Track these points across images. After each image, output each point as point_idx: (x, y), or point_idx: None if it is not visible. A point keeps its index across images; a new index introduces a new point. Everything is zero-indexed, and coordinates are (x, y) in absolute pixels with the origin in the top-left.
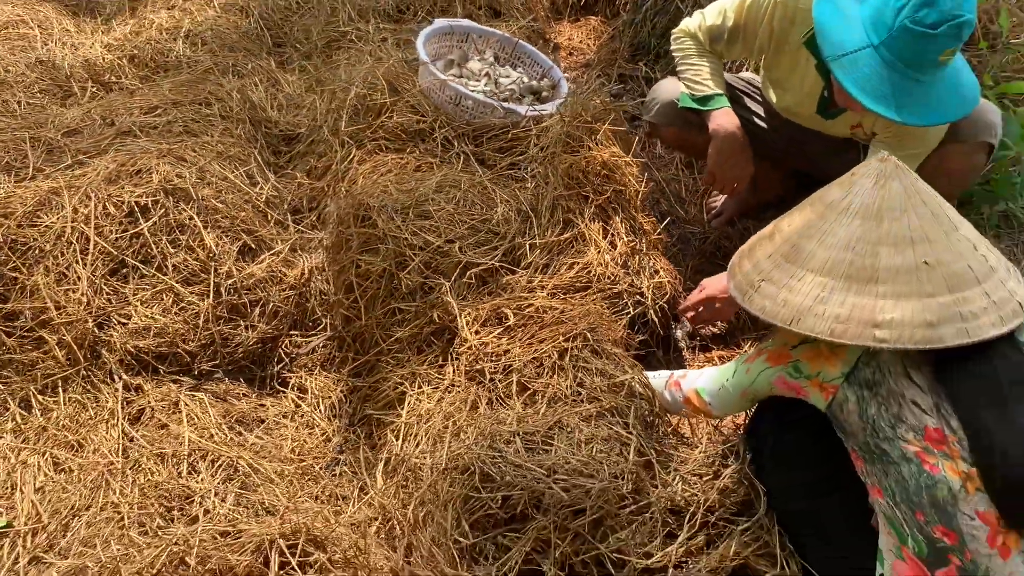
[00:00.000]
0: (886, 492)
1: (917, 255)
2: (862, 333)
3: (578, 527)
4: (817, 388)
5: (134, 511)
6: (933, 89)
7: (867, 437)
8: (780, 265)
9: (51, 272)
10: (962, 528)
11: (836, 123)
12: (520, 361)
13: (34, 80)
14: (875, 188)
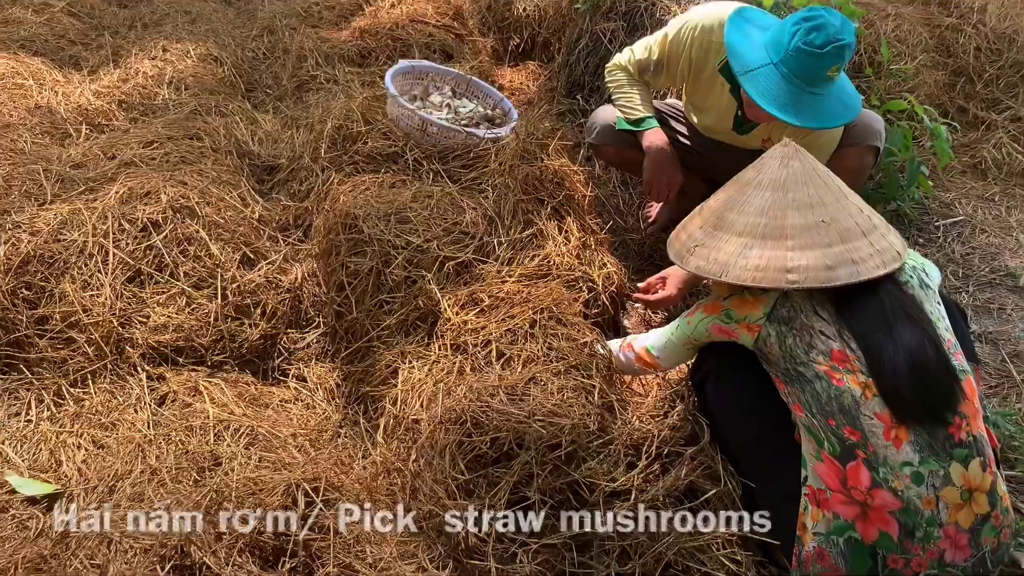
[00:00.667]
0: (804, 407)
1: (816, 216)
2: (777, 278)
3: (554, 459)
4: (745, 329)
5: (171, 472)
6: (824, 100)
7: (787, 364)
8: (709, 233)
9: (76, 280)
10: (864, 427)
11: (749, 138)
12: (496, 333)
13: (35, 123)
14: (780, 167)
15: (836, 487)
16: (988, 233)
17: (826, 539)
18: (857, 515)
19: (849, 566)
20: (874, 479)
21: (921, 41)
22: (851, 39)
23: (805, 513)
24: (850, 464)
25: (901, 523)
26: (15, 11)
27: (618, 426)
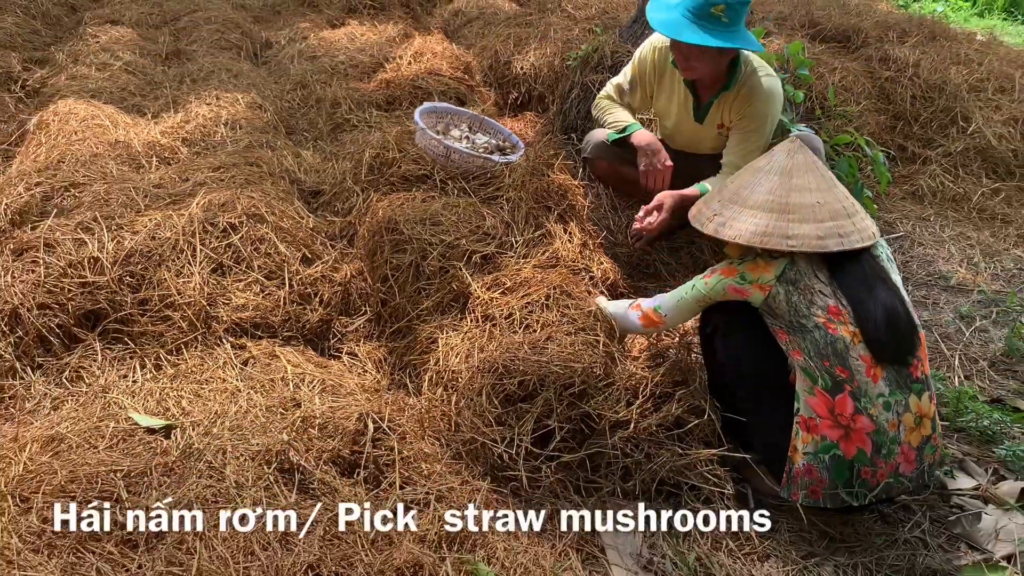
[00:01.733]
0: (803, 351)
1: (812, 198)
2: (779, 242)
3: (569, 396)
4: (758, 289)
5: (262, 410)
6: (709, 32)
7: (791, 317)
8: (727, 205)
9: (171, 270)
10: (851, 366)
11: (707, 126)
12: (518, 307)
13: (116, 155)
14: (787, 157)
15: (825, 415)
16: (925, 246)
17: (814, 457)
18: (841, 436)
19: (832, 477)
20: (856, 407)
21: (864, 89)
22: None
23: (796, 438)
24: (838, 396)
25: (873, 442)
26: (80, 68)
27: (619, 371)
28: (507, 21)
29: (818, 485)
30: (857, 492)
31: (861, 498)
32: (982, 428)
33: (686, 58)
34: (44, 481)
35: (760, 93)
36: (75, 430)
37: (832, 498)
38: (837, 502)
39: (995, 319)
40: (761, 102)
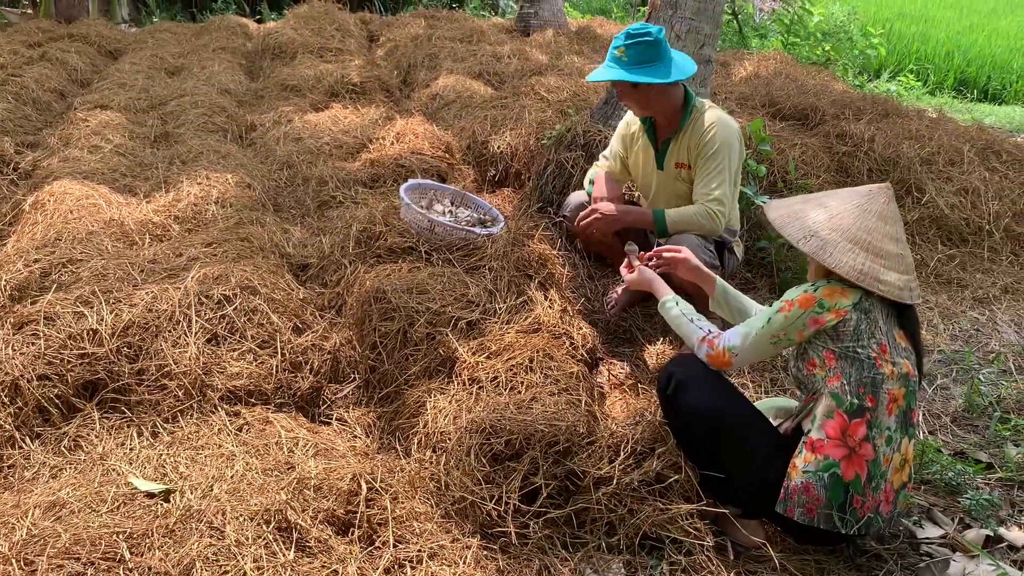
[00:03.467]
0: (844, 375)
1: (899, 249)
2: (872, 283)
3: (554, 453)
4: (833, 315)
5: (258, 473)
6: (614, 70)
7: (851, 342)
8: (823, 228)
9: (167, 340)
10: (880, 397)
11: (667, 170)
12: (503, 369)
13: (111, 232)
14: (885, 203)
15: (835, 436)
16: None
17: (814, 475)
18: (844, 456)
19: (828, 496)
20: (867, 435)
21: (823, 163)
22: (633, 39)
23: (799, 456)
24: (856, 420)
25: (869, 471)
26: (72, 151)
27: (600, 430)
28: (483, 104)
29: (814, 503)
30: (847, 519)
31: (849, 526)
32: (947, 480)
33: (619, 98)
34: (48, 544)
35: (710, 125)
36: (76, 495)
37: (826, 519)
38: (830, 524)
39: (955, 377)
40: (713, 132)
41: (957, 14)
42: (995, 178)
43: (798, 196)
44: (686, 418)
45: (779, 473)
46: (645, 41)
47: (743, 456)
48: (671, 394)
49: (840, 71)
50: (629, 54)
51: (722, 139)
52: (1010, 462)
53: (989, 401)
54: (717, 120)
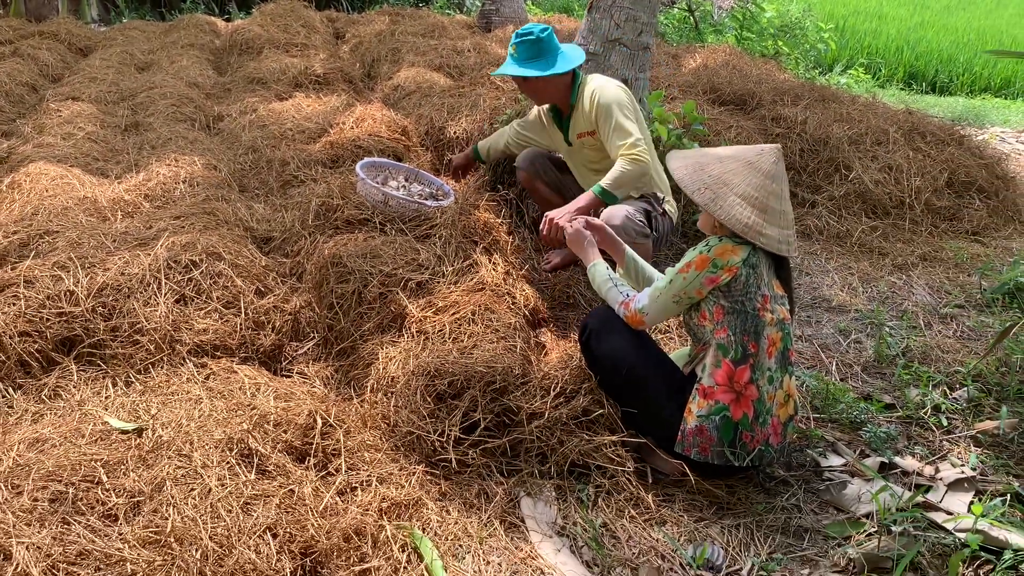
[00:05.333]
0: (730, 327)
1: (782, 206)
2: (755, 236)
3: (492, 391)
4: (727, 273)
5: (223, 413)
6: (510, 67)
7: (740, 296)
8: (717, 182)
9: (139, 300)
10: (761, 344)
11: (574, 144)
12: (448, 323)
13: (84, 208)
14: (774, 163)
15: (723, 382)
16: (812, 275)
17: (706, 418)
18: (732, 400)
19: (720, 435)
20: (751, 377)
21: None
22: (520, 38)
23: (693, 402)
24: (741, 366)
25: (755, 409)
26: (46, 138)
27: (534, 372)
28: (441, 93)
29: (707, 443)
30: (738, 453)
31: (741, 459)
32: (851, 417)
33: (519, 90)
34: (32, 470)
35: (592, 93)
36: (56, 433)
37: (719, 455)
38: (722, 459)
39: (868, 332)
40: (596, 98)
41: (910, 11)
42: (918, 156)
43: (700, 149)
44: (599, 363)
45: (674, 414)
46: (528, 40)
47: (645, 397)
48: (586, 341)
49: (792, 65)
50: (519, 51)
51: (606, 99)
52: (909, 403)
53: (897, 352)
54: (596, 86)
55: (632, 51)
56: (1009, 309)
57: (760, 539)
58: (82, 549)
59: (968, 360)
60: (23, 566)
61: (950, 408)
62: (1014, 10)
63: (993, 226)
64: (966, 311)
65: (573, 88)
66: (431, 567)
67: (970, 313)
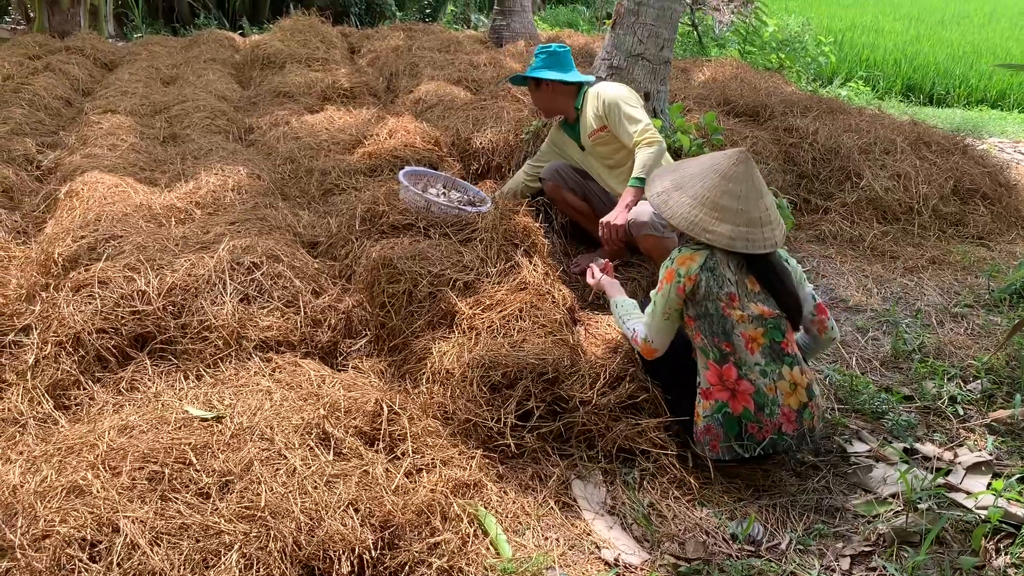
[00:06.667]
0: (703, 332)
1: (738, 204)
2: (700, 233)
3: (543, 381)
4: (688, 280)
5: (292, 402)
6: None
7: (705, 301)
8: (675, 186)
9: (207, 299)
10: (734, 342)
11: (587, 146)
12: (497, 319)
13: (142, 215)
14: (731, 165)
15: (716, 383)
16: (827, 277)
17: (711, 418)
18: (728, 397)
19: (725, 431)
20: (739, 374)
21: (772, 153)
22: (542, 50)
23: (699, 405)
24: (724, 365)
25: (756, 402)
26: (92, 149)
27: (582, 362)
28: (464, 106)
29: (716, 440)
30: (747, 444)
31: (751, 450)
32: (873, 408)
33: (533, 103)
34: (128, 453)
35: (595, 96)
36: (142, 421)
37: (728, 450)
38: (732, 454)
39: (885, 330)
40: (601, 99)
41: (906, 25)
42: (924, 165)
43: (676, 162)
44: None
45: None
46: (549, 50)
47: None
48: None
49: (794, 77)
50: (537, 60)
51: (611, 95)
52: (926, 394)
53: (912, 348)
54: (600, 90)
55: (654, 65)
56: (1016, 308)
57: (795, 517)
58: (182, 523)
59: (980, 355)
60: (132, 537)
61: (965, 399)
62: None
63: (997, 231)
64: (975, 310)
65: (578, 97)
66: (496, 540)
67: (979, 312)
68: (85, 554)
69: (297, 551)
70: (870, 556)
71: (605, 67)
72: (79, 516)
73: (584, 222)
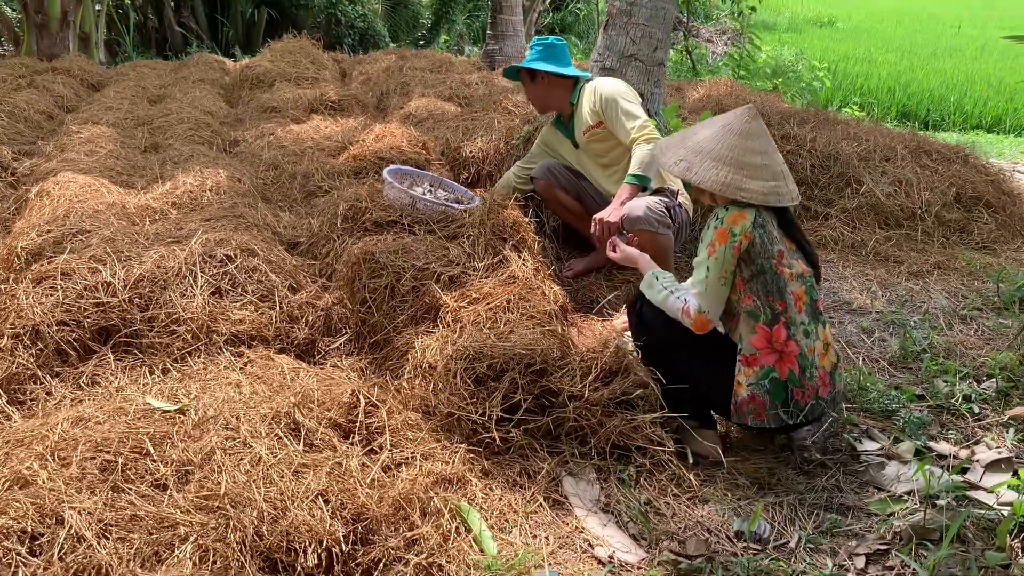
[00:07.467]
0: (754, 293)
1: (760, 160)
2: (734, 192)
3: (531, 373)
4: (744, 238)
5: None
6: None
7: (759, 258)
8: (692, 153)
9: (175, 292)
10: (787, 300)
11: (581, 144)
12: (484, 311)
13: (114, 212)
14: (745, 122)
15: (763, 347)
16: (830, 281)
17: (756, 385)
18: (776, 361)
19: (772, 398)
20: (788, 334)
21: None
22: (538, 42)
23: (739, 374)
24: (775, 326)
25: (800, 364)
26: (69, 155)
27: (573, 354)
28: (455, 118)
29: (761, 408)
30: (792, 411)
31: (795, 416)
32: (883, 406)
33: (526, 97)
34: (79, 443)
35: (593, 89)
36: (99, 412)
37: (774, 418)
38: (778, 421)
39: (892, 331)
40: (599, 93)
41: (898, 57)
42: (926, 172)
43: (682, 130)
44: (652, 330)
45: (728, 378)
46: (545, 43)
47: (698, 362)
48: (640, 309)
49: (788, 100)
50: (533, 53)
51: (608, 90)
52: (938, 393)
53: (922, 348)
54: (596, 83)
55: (647, 66)
56: None
57: (804, 515)
58: (134, 514)
59: (992, 355)
60: (76, 529)
61: (980, 397)
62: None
63: (1003, 239)
64: (985, 313)
65: (574, 92)
66: (480, 537)
67: (989, 315)
68: (24, 547)
69: (258, 541)
70: (886, 555)
71: (597, 69)
72: (20, 507)
73: (577, 223)
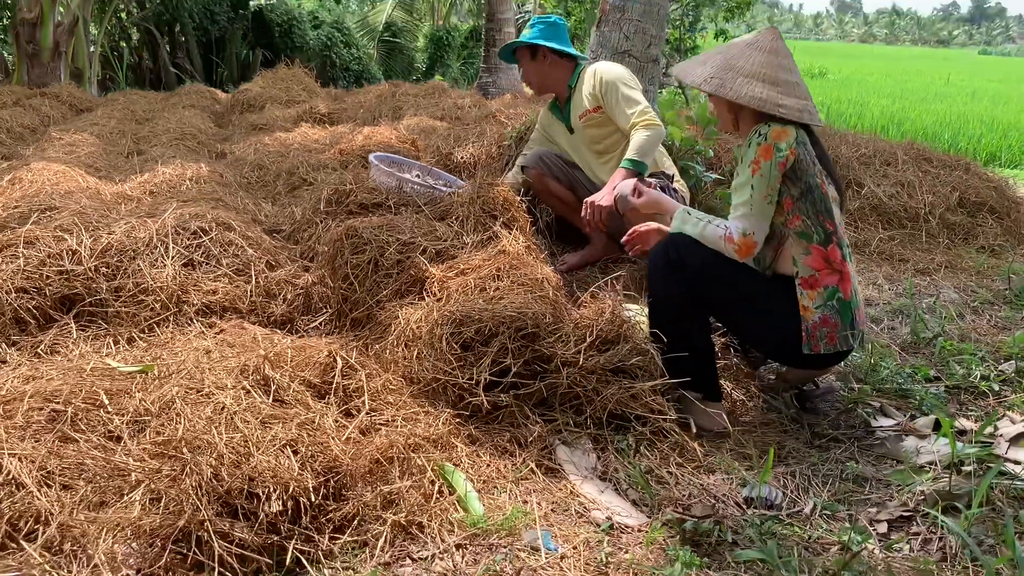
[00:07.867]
0: (803, 213)
1: (792, 77)
2: (772, 108)
3: (521, 337)
4: (790, 153)
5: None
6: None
7: (807, 177)
8: (721, 70)
9: (145, 261)
10: (836, 219)
11: (576, 129)
12: (473, 280)
13: (88, 195)
14: (772, 40)
15: (822, 267)
16: None
17: (824, 306)
18: (838, 280)
19: (841, 319)
20: (842, 254)
21: None
22: (539, 19)
23: (803, 298)
24: (829, 246)
25: (853, 286)
26: (48, 154)
27: (567, 319)
28: (446, 130)
29: (833, 331)
30: (855, 333)
31: (856, 340)
32: (897, 384)
33: (523, 77)
34: (27, 396)
35: (593, 72)
36: (55, 370)
37: (844, 340)
38: (846, 344)
39: (900, 320)
40: (599, 76)
41: (890, 100)
42: (928, 177)
43: (702, 54)
44: (698, 278)
45: (786, 314)
46: (547, 21)
47: (752, 304)
48: (675, 259)
49: None
50: (535, 30)
51: (610, 74)
52: (954, 374)
53: (935, 333)
54: (596, 66)
55: (641, 63)
56: None
57: (818, 484)
58: (81, 461)
59: (1008, 340)
60: (15, 475)
61: (998, 378)
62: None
63: (1010, 244)
64: (996, 306)
65: (574, 74)
66: (465, 498)
67: (1001, 307)
68: None
69: (216, 484)
70: (909, 521)
71: None
72: None
73: (570, 215)
